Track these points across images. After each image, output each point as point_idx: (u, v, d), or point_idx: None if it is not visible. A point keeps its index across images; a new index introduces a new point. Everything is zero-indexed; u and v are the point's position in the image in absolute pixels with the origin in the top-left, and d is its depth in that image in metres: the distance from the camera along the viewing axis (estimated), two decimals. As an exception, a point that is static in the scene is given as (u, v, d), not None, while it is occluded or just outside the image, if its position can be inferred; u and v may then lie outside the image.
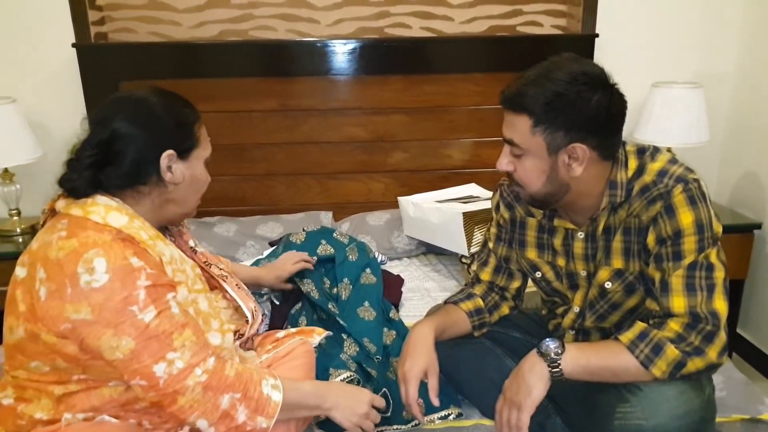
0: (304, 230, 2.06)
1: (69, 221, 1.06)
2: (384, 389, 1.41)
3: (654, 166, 1.22)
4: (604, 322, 1.35)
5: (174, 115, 1.16)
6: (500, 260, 1.50)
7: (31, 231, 2.43)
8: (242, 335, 1.31)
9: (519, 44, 2.56)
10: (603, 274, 1.30)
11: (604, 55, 2.53)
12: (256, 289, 1.77)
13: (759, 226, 2.44)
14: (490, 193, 2.36)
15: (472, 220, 2.03)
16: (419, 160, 2.63)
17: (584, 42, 2.52)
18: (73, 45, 2.40)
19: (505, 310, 1.52)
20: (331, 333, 1.47)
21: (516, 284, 1.51)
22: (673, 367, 1.12)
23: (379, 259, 2.14)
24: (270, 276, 1.77)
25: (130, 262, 1.02)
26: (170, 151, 1.13)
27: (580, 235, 1.32)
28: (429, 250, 2.39)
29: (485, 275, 1.52)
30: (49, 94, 2.50)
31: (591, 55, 2.52)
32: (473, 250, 2.03)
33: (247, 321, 1.33)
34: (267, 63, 2.50)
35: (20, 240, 2.38)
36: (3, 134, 2.26)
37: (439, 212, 2.12)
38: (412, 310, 1.94)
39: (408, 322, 1.79)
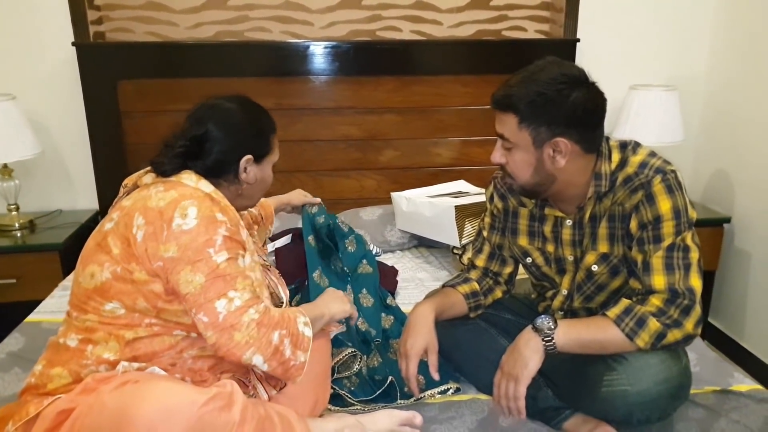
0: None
1: (164, 183, 1.24)
2: (390, 377, 1.51)
3: (635, 159, 1.35)
4: (591, 303, 1.47)
5: (257, 126, 1.36)
6: (494, 247, 1.62)
7: (29, 225, 2.48)
8: None
9: (504, 48, 2.69)
10: (590, 258, 1.42)
11: (584, 59, 2.67)
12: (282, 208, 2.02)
13: (728, 220, 2.60)
14: (478, 189, 2.47)
15: (463, 213, 2.14)
16: (410, 158, 2.74)
17: (566, 46, 2.66)
18: (73, 44, 2.46)
19: (498, 294, 1.63)
20: (345, 328, 1.59)
21: (508, 270, 1.62)
22: (655, 338, 1.24)
23: (374, 251, 2.24)
24: (297, 194, 2.03)
25: (215, 214, 1.20)
26: (249, 156, 1.33)
27: (568, 222, 1.44)
28: (421, 243, 2.50)
29: (480, 261, 1.63)
30: (48, 91, 2.56)
31: (572, 59, 2.66)
32: (464, 241, 2.14)
33: (279, 306, 1.45)
34: (262, 63, 2.59)
35: (18, 234, 2.43)
36: (3, 130, 2.31)
37: (431, 206, 2.23)
38: (407, 298, 2.05)
39: (405, 308, 1.90)
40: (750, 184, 2.54)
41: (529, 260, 1.55)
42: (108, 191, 2.60)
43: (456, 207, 2.12)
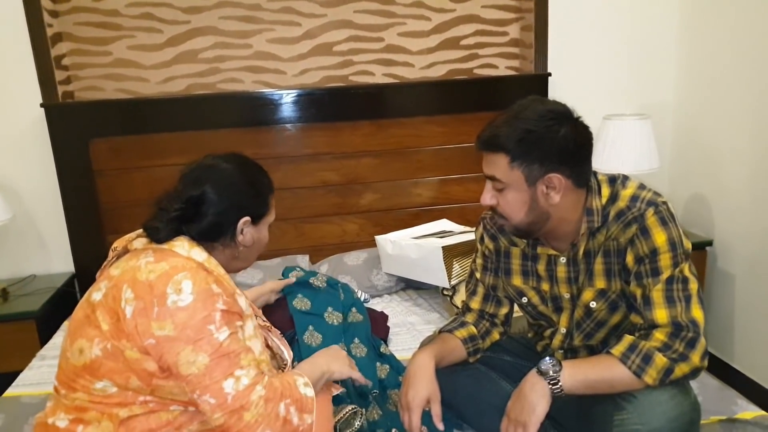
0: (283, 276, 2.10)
1: (154, 251, 1.17)
2: (394, 429, 1.45)
3: (626, 193, 1.34)
4: (591, 340, 1.45)
5: (255, 186, 1.31)
6: (488, 289, 1.59)
7: (2, 293, 2.39)
8: None
9: (477, 86, 2.71)
10: (587, 294, 1.40)
11: (557, 93, 2.71)
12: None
13: (710, 243, 2.63)
14: (462, 227, 2.46)
15: (450, 253, 2.11)
16: (390, 199, 2.72)
17: (538, 81, 2.69)
18: (41, 105, 2.41)
19: (495, 335, 1.60)
20: (344, 389, 1.53)
21: (504, 311, 1.60)
22: (663, 374, 1.21)
23: (362, 298, 2.20)
24: (270, 287, 1.91)
25: (211, 287, 1.15)
26: (246, 218, 1.29)
27: (563, 260, 1.42)
28: (408, 286, 2.47)
29: (475, 304, 1.60)
30: (17, 155, 2.50)
31: (545, 93, 2.70)
32: (453, 282, 2.11)
33: (282, 367, 1.40)
34: (237, 114, 2.57)
35: (-11, 303, 2.33)
36: (-29, 197, 2.24)
37: (417, 248, 2.20)
38: (400, 344, 2.01)
39: (399, 356, 1.86)
40: (728, 206, 2.57)
41: (524, 300, 1.53)
42: (84, 253, 2.53)
43: (443, 247, 2.09)
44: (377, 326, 2.01)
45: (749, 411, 1.56)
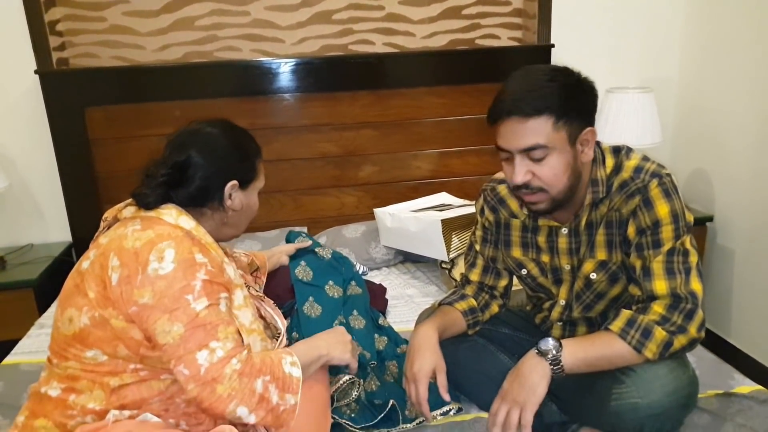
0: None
1: (142, 219, 1.16)
2: (392, 401, 1.45)
3: (630, 164, 1.32)
4: (591, 312, 1.44)
5: (241, 150, 1.29)
6: (488, 261, 1.58)
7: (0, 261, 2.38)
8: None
9: (479, 56, 2.67)
10: (588, 266, 1.38)
11: (559, 64, 2.65)
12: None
13: (711, 219, 2.61)
14: (461, 201, 2.44)
15: (449, 226, 2.10)
16: (389, 172, 2.70)
17: (541, 52, 2.65)
18: (36, 72, 2.37)
19: (495, 308, 1.59)
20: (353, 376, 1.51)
21: (504, 283, 1.59)
22: (663, 348, 1.21)
23: (360, 271, 2.19)
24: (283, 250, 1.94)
25: (194, 256, 1.13)
26: (234, 182, 1.27)
27: (564, 231, 1.40)
28: (407, 259, 2.46)
29: (474, 276, 1.59)
30: (12, 122, 2.47)
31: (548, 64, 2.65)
32: (452, 255, 2.10)
33: (276, 337, 1.38)
34: (234, 83, 2.53)
35: (-13, 272, 2.32)
36: (-34, 166, 2.22)
37: (417, 221, 2.18)
38: (398, 316, 2.00)
39: (397, 327, 1.86)
40: (729, 181, 2.55)
41: (524, 272, 1.52)
42: (81, 222, 2.52)
43: (442, 221, 2.08)
44: (376, 298, 2.01)
45: (745, 385, 1.56)
